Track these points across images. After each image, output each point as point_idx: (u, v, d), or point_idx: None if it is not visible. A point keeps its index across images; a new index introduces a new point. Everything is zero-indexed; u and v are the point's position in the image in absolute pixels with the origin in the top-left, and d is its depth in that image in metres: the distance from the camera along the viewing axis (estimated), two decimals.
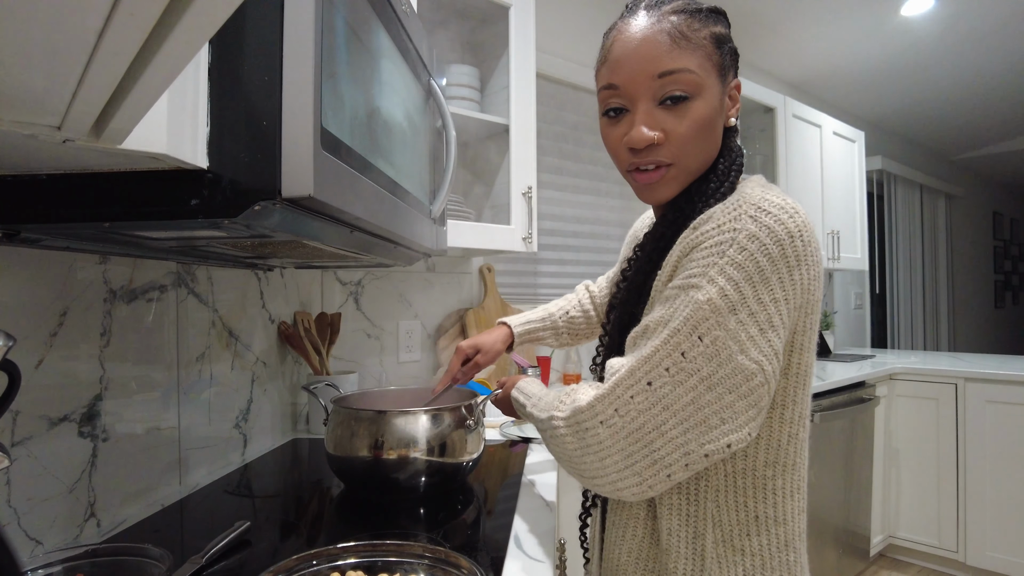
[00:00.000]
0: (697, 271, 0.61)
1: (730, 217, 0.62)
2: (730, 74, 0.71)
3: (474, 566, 0.65)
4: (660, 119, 0.67)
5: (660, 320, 0.62)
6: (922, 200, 4.93)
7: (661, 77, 0.66)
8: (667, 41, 0.66)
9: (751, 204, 0.62)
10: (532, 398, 0.78)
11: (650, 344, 0.61)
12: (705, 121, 0.67)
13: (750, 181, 0.69)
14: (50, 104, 0.35)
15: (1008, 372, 2.57)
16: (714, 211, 0.63)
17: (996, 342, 6.13)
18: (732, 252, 0.59)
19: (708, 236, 0.62)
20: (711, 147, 0.70)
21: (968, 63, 3.42)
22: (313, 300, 1.61)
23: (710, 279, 0.59)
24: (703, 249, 0.61)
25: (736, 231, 0.60)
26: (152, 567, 0.67)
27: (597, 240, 2.49)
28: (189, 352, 1.06)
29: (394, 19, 0.85)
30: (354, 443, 0.98)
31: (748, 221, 0.60)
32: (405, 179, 0.89)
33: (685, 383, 0.59)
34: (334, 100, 0.62)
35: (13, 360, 0.52)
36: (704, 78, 0.66)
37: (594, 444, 0.63)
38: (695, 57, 0.66)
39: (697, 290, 0.60)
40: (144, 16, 0.26)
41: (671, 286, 0.63)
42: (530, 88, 1.77)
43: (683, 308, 0.60)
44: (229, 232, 0.62)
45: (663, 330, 0.61)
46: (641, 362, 0.61)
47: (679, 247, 0.64)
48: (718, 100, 0.68)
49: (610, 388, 0.62)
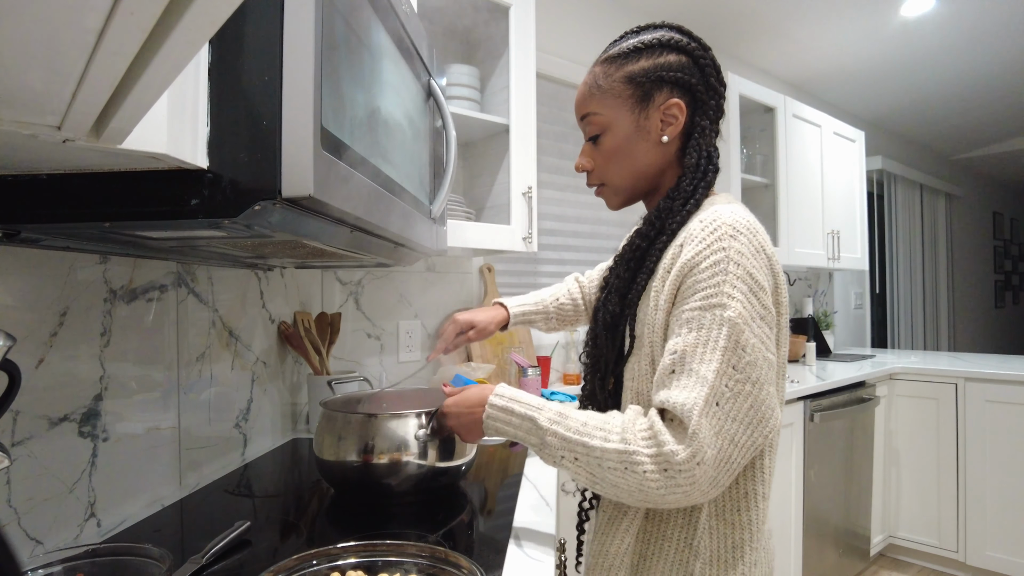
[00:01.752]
0: (711, 291, 0.67)
1: (714, 237, 0.69)
2: (657, 98, 0.79)
3: (474, 566, 0.65)
4: (589, 151, 0.85)
5: (696, 343, 0.67)
6: (922, 200, 4.93)
7: (582, 120, 0.85)
8: (586, 91, 0.83)
9: (727, 224, 0.70)
10: (567, 420, 0.72)
11: (705, 369, 0.65)
12: (616, 149, 0.82)
13: (718, 199, 0.79)
14: (50, 104, 0.35)
15: (1008, 372, 2.57)
16: (693, 231, 0.72)
17: (996, 342, 6.13)
18: (732, 268, 0.68)
19: (702, 257, 0.69)
20: (635, 165, 0.82)
21: (968, 63, 3.42)
22: (313, 300, 1.61)
23: (729, 295, 0.67)
24: (705, 270, 0.68)
25: (725, 249, 0.68)
26: (152, 567, 0.67)
27: (597, 240, 2.49)
28: (189, 352, 1.06)
29: (394, 19, 0.85)
30: (342, 447, 0.95)
31: (730, 240, 0.69)
32: (405, 179, 0.89)
33: (743, 392, 0.65)
34: (334, 100, 0.62)
35: (13, 360, 0.52)
36: (611, 116, 0.81)
37: (685, 484, 0.64)
38: (603, 100, 0.81)
39: (723, 308, 0.66)
40: (144, 16, 0.26)
41: (689, 308, 0.69)
42: (530, 88, 1.77)
43: (717, 327, 0.66)
44: (229, 232, 0.62)
45: (711, 352, 0.65)
46: (709, 390, 0.64)
47: (676, 270, 0.71)
48: (630, 128, 0.80)
49: (696, 426, 0.63)
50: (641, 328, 0.77)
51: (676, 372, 0.67)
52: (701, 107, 0.80)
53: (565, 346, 2.26)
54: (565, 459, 0.71)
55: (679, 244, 0.73)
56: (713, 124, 0.81)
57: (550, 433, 0.72)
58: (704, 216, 0.73)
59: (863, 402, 2.58)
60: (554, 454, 0.72)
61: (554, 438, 0.72)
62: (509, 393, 0.79)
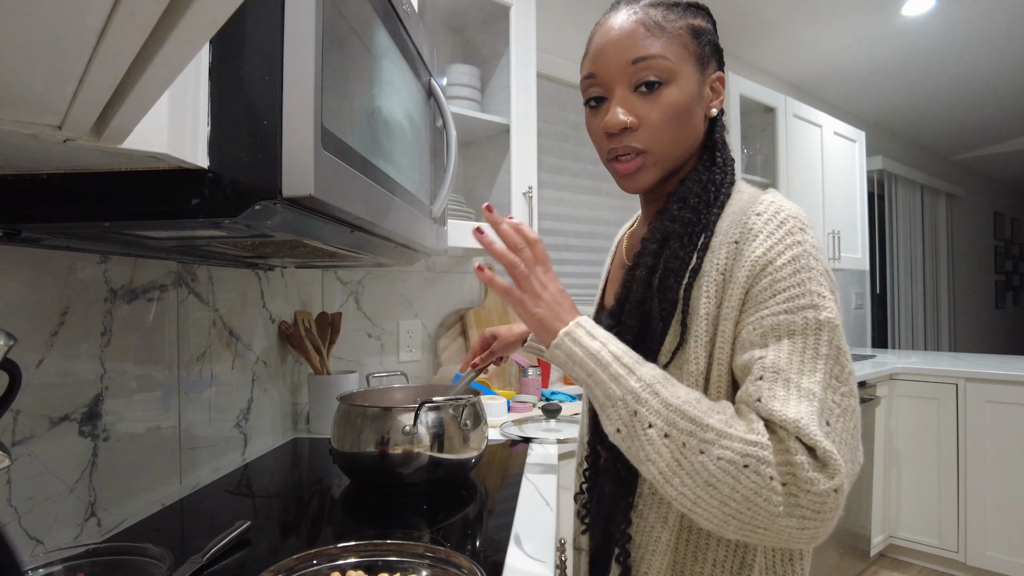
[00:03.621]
0: (796, 290, 0.59)
1: (784, 231, 0.62)
2: (711, 65, 0.72)
3: (474, 566, 0.65)
4: (635, 105, 0.69)
5: (791, 351, 0.58)
6: (923, 200, 4.93)
7: (635, 63, 0.68)
8: (642, 30, 0.68)
9: (793, 216, 0.63)
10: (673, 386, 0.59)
11: (808, 382, 0.56)
12: (680, 107, 0.68)
13: (742, 184, 0.72)
14: (51, 104, 0.35)
15: (1009, 372, 2.57)
16: (751, 225, 0.63)
17: (997, 342, 6.12)
18: (813, 263, 0.60)
19: (776, 253, 0.60)
20: (688, 135, 0.70)
21: (969, 63, 3.42)
22: (314, 300, 1.61)
23: (818, 294, 0.59)
24: (783, 267, 0.60)
25: (800, 244, 0.61)
26: (152, 567, 0.67)
27: (597, 240, 2.49)
28: (190, 351, 1.06)
29: (395, 19, 0.85)
30: (361, 439, 1.00)
31: (801, 233, 0.62)
32: (406, 179, 0.89)
33: (849, 408, 0.58)
34: (335, 100, 0.62)
35: (14, 359, 0.52)
36: (678, 65, 0.68)
37: (810, 512, 0.54)
38: (670, 45, 0.68)
39: (815, 309, 0.58)
40: (145, 16, 0.26)
41: (770, 312, 0.59)
42: (531, 88, 1.77)
43: (814, 331, 0.58)
44: (230, 232, 0.62)
45: (813, 361, 0.57)
46: (820, 405, 0.56)
47: (745, 270, 0.61)
48: (695, 88, 0.69)
49: (827, 449, 0.54)
50: (693, 327, 0.65)
51: (768, 380, 0.57)
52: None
53: None
54: (653, 428, 0.56)
55: (732, 241, 0.64)
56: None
57: (649, 389, 0.58)
58: (757, 207, 0.64)
59: (864, 402, 2.57)
60: (639, 416, 0.57)
61: (653, 396, 0.57)
62: (601, 332, 0.64)
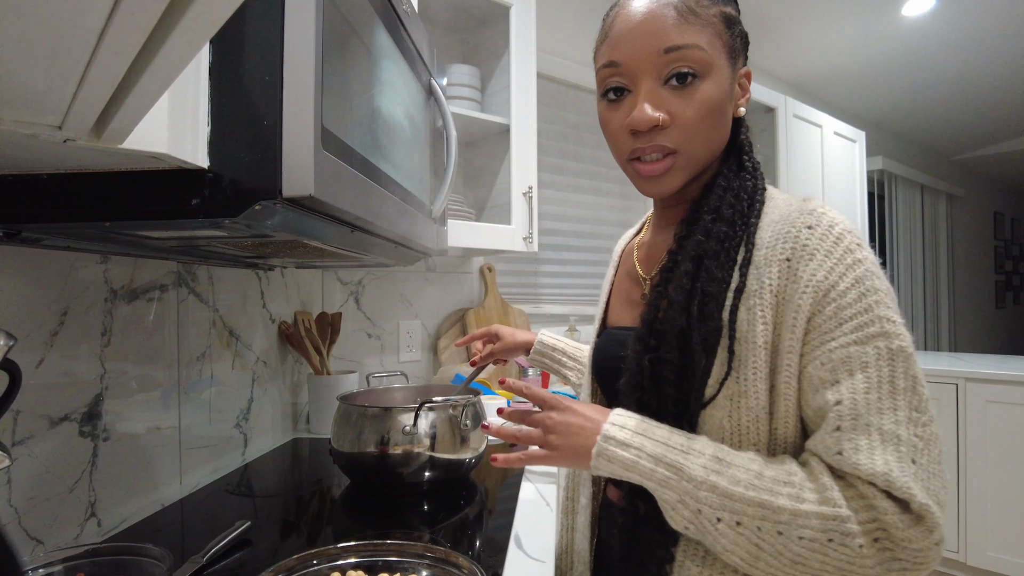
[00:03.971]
0: (864, 317, 0.54)
1: (842, 249, 0.56)
2: (740, 59, 0.66)
3: (474, 566, 0.65)
4: (665, 100, 0.62)
5: (867, 388, 0.53)
6: (923, 200, 4.93)
7: (668, 53, 0.60)
8: (674, 15, 0.61)
9: (847, 231, 0.58)
10: (730, 469, 0.54)
11: (889, 422, 0.52)
12: (714, 104, 0.62)
13: (774, 191, 0.67)
14: (51, 104, 0.35)
15: (1009, 372, 2.57)
16: (804, 241, 0.57)
17: (997, 342, 6.12)
18: (878, 284, 0.56)
19: (838, 275, 0.55)
20: (719, 136, 0.65)
21: (969, 63, 3.42)
22: (314, 300, 1.61)
23: (888, 319, 0.54)
24: (847, 292, 0.55)
25: (862, 262, 0.56)
26: (153, 567, 0.67)
27: (597, 240, 2.49)
28: (190, 352, 1.06)
29: (395, 19, 0.85)
30: (361, 439, 1.00)
31: (858, 250, 0.57)
32: (406, 179, 0.89)
33: (932, 438, 0.53)
34: (335, 100, 0.62)
35: (14, 359, 0.52)
36: (714, 57, 0.61)
37: (910, 557, 0.51)
38: (704, 34, 0.61)
39: (886, 337, 0.54)
40: (145, 16, 0.26)
41: (838, 344, 0.54)
42: (531, 88, 1.76)
43: (888, 363, 0.53)
44: (230, 232, 0.62)
45: (891, 398, 0.52)
46: (906, 448, 0.52)
47: (808, 296, 0.55)
48: (728, 84, 0.63)
49: (922, 500, 0.50)
50: (750, 358, 0.58)
51: (846, 429, 0.52)
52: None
53: None
54: (722, 522, 0.52)
55: (783, 258, 0.57)
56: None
57: (705, 486, 0.53)
58: (807, 219, 0.58)
59: None
60: (703, 514, 0.53)
61: (711, 493, 0.53)
62: (633, 422, 0.58)
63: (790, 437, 0.58)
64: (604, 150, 2.52)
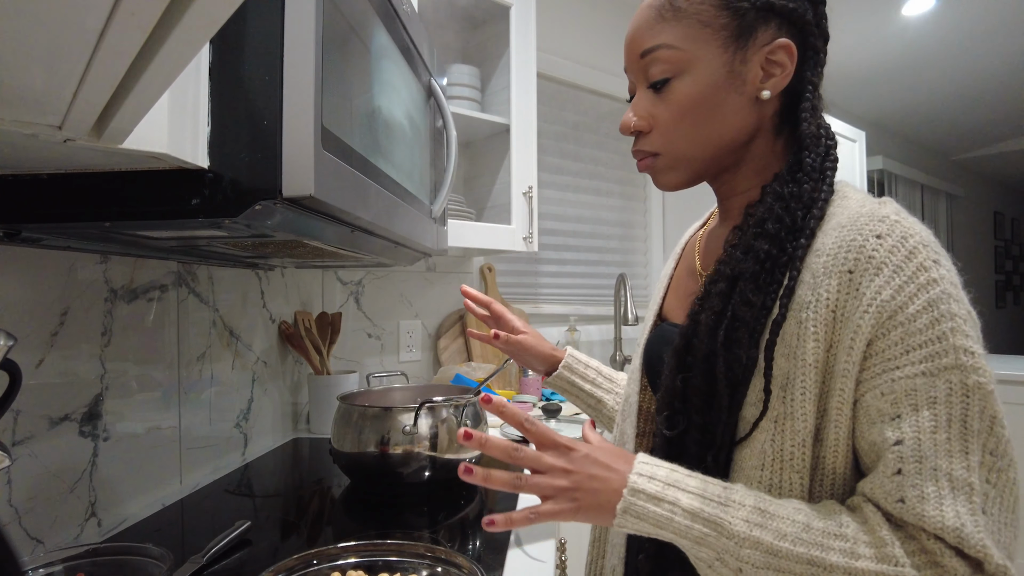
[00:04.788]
0: (936, 346, 0.48)
1: (915, 264, 0.49)
2: (758, 35, 0.58)
3: (474, 566, 0.65)
4: (650, 103, 0.62)
5: (934, 427, 0.47)
6: (923, 200, 4.93)
7: (643, 57, 0.61)
8: (652, 16, 0.60)
9: (923, 243, 0.50)
10: (774, 521, 0.48)
11: (959, 467, 0.46)
12: (694, 101, 0.59)
13: (848, 189, 0.59)
14: (51, 104, 0.35)
15: (1009, 372, 2.57)
16: (870, 252, 0.50)
17: (997, 342, 6.12)
18: (956, 309, 0.49)
19: (907, 295, 0.49)
20: (715, 130, 0.60)
21: (969, 63, 3.41)
22: (314, 300, 1.61)
23: (965, 350, 0.48)
24: (918, 315, 0.48)
25: (937, 282, 0.49)
26: (153, 566, 0.67)
27: (597, 240, 2.49)
28: (190, 352, 1.06)
29: (395, 19, 0.85)
30: (361, 439, 1.00)
31: (935, 266, 0.50)
32: (406, 179, 0.89)
33: (1008, 483, 0.48)
34: (335, 100, 0.62)
35: (14, 360, 0.52)
36: (692, 51, 0.58)
37: None
38: (679, 28, 0.58)
39: (962, 371, 0.47)
40: (145, 16, 0.26)
41: (904, 374, 0.48)
42: (531, 88, 1.77)
43: (960, 399, 0.47)
44: (230, 231, 0.62)
45: (962, 440, 0.47)
46: (979, 498, 0.46)
47: (870, 315, 0.49)
48: (719, 73, 0.58)
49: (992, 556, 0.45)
50: (780, 380, 0.53)
51: (910, 473, 0.47)
52: (813, 56, 0.59)
53: (566, 345, 2.26)
54: None
55: (845, 270, 0.51)
56: (819, 85, 0.61)
57: (748, 543, 0.48)
58: (877, 227, 0.51)
59: None
60: (744, 573, 0.48)
61: (754, 551, 0.47)
62: (663, 472, 0.52)
63: (840, 468, 0.52)
64: (604, 150, 2.52)
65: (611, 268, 2.54)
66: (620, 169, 2.58)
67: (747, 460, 0.55)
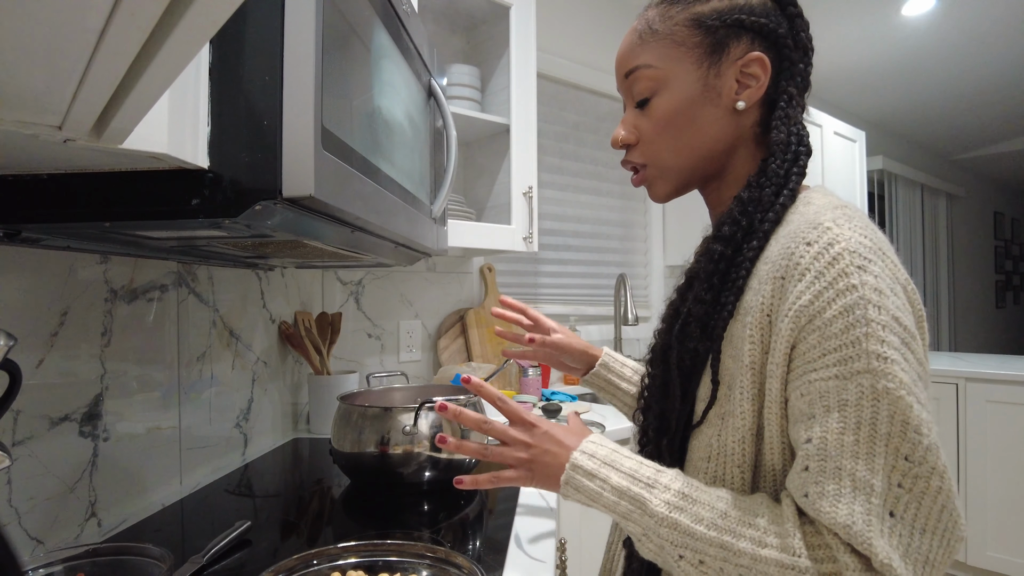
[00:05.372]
0: (849, 351, 0.49)
1: (836, 271, 0.50)
2: (730, 50, 0.62)
3: (474, 566, 0.65)
4: (634, 119, 0.67)
5: (842, 429, 0.48)
6: (923, 200, 4.93)
7: (627, 77, 0.67)
8: (635, 39, 0.66)
9: (848, 250, 0.51)
10: (694, 506, 0.53)
11: (863, 468, 0.47)
12: (671, 114, 0.64)
13: (814, 194, 0.60)
14: (51, 104, 0.35)
15: (1009, 372, 2.57)
16: (798, 258, 0.52)
17: (997, 342, 6.12)
18: (873, 314, 0.49)
19: (825, 300, 0.50)
20: (694, 141, 0.64)
21: (969, 63, 3.42)
22: (314, 300, 1.61)
23: (878, 355, 0.48)
24: (833, 320, 0.49)
25: (856, 288, 0.49)
26: (153, 567, 0.67)
27: (597, 240, 2.49)
28: (190, 352, 1.06)
29: (395, 19, 0.85)
30: (361, 439, 1.00)
31: (859, 273, 0.50)
32: (406, 179, 0.89)
33: (928, 490, 0.48)
34: (335, 100, 0.62)
35: (14, 360, 0.52)
36: (668, 68, 0.63)
37: None
38: (657, 49, 0.64)
39: (873, 375, 0.48)
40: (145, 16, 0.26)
41: (819, 376, 0.50)
42: (531, 88, 1.77)
43: (870, 403, 0.48)
44: (230, 232, 0.62)
45: (869, 443, 0.48)
46: (878, 499, 0.47)
47: (788, 318, 0.52)
48: (694, 87, 0.62)
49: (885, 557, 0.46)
50: (727, 379, 0.57)
51: (814, 471, 0.49)
52: (788, 68, 0.62)
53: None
54: (684, 559, 0.52)
55: (778, 276, 0.54)
56: (800, 94, 0.64)
57: (666, 523, 0.52)
58: (809, 235, 0.53)
59: None
60: (666, 550, 0.53)
61: (672, 531, 0.52)
62: (603, 452, 0.58)
63: (777, 464, 0.55)
64: (604, 150, 2.52)
65: (611, 268, 2.54)
66: (620, 169, 2.58)
67: (696, 452, 0.60)
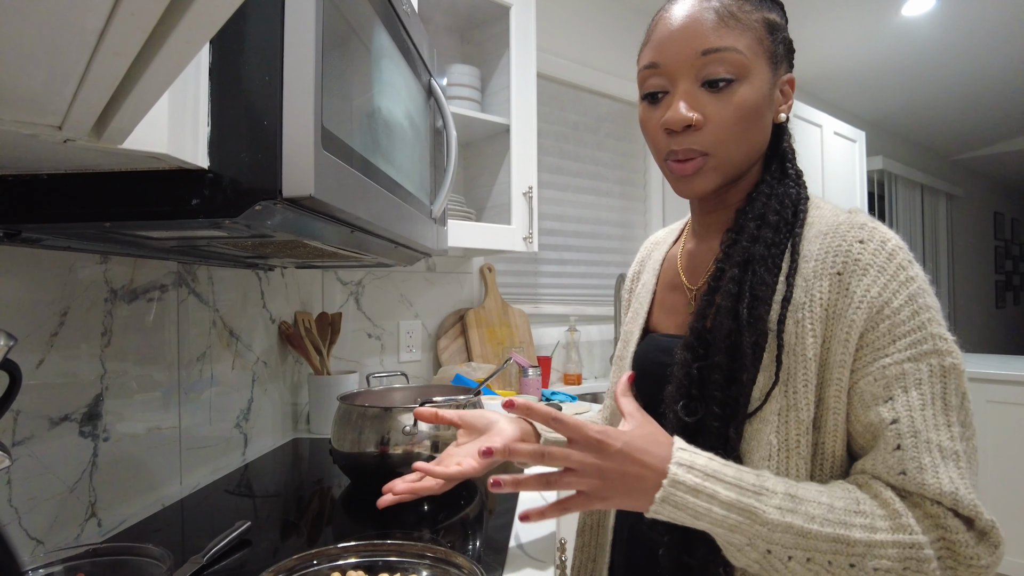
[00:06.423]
0: (917, 335, 0.55)
1: (895, 265, 0.57)
2: (783, 66, 0.66)
3: (474, 566, 0.65)
4: (702, 101, 0.62)
5: (923, 405, 0.53)
6: (923, 200, 4.93)
7: (705, 55, 0.61)
8: (714, 18, 0.61)
9: (898, 246, 0.59)
10: (803, 504, 0.51)
11: (945, 438, 0.53)
12: (751, 108, 0.62)
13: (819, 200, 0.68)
14: (51, 104, 0.35)
15: (1009, 372, 2.57)
16: (857, 256, 0.58)
17: (997, 342, 6.12)
18: (930, 302, 0.57)
19: (891, 292, 0.56)
20: (755, 140, 0.65)
21: (969, 63, 3.42)
22: (314, 300, 1.61)
23: (940, 337, 0.55)
24: (900, 309, 0.56)
25: (914, 279, 0.57)
26: (153, 567, 0.67)
27: (597, 240, 2.49)
28: (190, 352, 1.06)
29: (395, 19, 0.85)
30: (361, 439, 1.00)
31: (910, 267, 0.58)
32: (406, 179, 0.89)
33: (974, 453, 0.55)
34: (335, 100, 0.62)
35: (14, 360, 0.52)
36: (752, 61, 0.62)
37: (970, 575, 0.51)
38: (744, 38, 0.61)
39: (939, 355, 0.55)
40: (145, 16, 0.26)
41: (892, 360, 0.55)
42: (531, 88, 1.77)
43: (940, 380, 0.54)
44: (230, 232, 0.62)
45: (943, 414, 0.53)
46: (965, 464, 0.53)
47: (862, 312, 0.56)
48: (767, 89, 0.63)
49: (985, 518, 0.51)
50: (784, 380, 0.58)
51: (908, 448, 0.52)
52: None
53: (566, 346, 2.26)
54: (793, 559, 0.50)
55: (834, 272, 0.58)
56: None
57: (780, 528, 0.50)
58: (859, 233, 0.59)
59: None
60: (774, 554, 0.51)
61: (785, 535, 0.50)
62: (701, 461, 0.53)
63: (838, 452, 0.58)
64: (604, 150, 2.52)
65: (611, 268, 2.54)
66: (620, 169, 2.58)
67: (755, 451, 0.58)
